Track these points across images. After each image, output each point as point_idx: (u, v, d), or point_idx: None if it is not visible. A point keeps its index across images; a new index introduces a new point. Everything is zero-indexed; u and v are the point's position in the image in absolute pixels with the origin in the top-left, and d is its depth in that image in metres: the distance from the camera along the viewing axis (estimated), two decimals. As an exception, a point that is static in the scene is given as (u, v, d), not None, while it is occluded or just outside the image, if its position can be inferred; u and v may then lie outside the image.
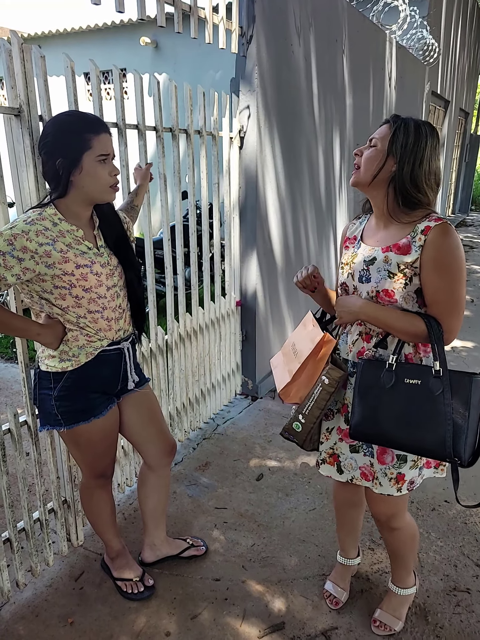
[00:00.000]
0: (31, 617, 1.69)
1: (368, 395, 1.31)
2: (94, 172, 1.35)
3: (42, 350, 1.50)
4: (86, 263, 1.40)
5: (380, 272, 1.32)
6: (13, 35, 1.49)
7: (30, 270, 1.32)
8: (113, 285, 1.48)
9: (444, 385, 1.23)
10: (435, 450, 1.23)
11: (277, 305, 3.30)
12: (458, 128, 10.28)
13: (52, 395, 1.48)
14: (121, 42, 7.40)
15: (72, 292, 1.39)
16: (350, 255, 1.44)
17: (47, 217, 1.36)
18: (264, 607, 1.72)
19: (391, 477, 1.39)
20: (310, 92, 3.33)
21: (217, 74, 6.60)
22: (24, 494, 1.73)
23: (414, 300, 1.31)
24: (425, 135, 1.27)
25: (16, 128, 1.54)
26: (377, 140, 1.31)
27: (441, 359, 1.24)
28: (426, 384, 1.25)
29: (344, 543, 1.76)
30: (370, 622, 1.65)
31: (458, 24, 8.37)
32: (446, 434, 1.21)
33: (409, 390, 1.27)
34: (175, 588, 1.80)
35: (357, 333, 1.42)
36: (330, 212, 3.98)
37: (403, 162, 1.26)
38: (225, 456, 2.58)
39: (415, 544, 1.58)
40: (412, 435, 1.25)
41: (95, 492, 1.70)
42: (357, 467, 1.46)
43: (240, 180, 2.84)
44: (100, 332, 1.48)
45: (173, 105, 2.26)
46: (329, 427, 1.51)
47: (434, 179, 1.29)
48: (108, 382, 1.56)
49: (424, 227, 1.26)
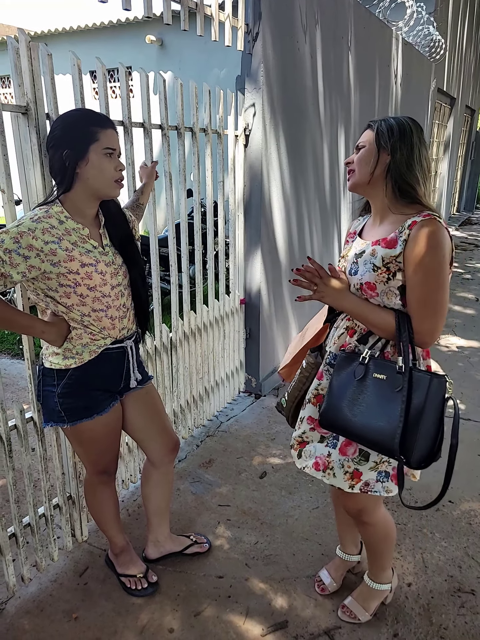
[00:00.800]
0: (36, 611, 1.71)
1: (339, 386, 1.35)
2: (99, 165, 1.36)
3: (46, 347, 1.51)
4: (91, 262, 1.40)
5: (366, 265, 1.34)
6: (20, 33, 1.49)
7: (36, 268, 1.32)
8: (117, 284, 1.49)
9: (403, 382, 1.24)
10: (385, 446, 1.25)
11: (281, 304, 3.30)
12: (464, 125, 10.21)
13: (56, 392, 1.49)
14: (127, 40, 7.40)
15: (76, 291, 1.39)
16: (347, 249, 1.48)
17: (53, 215, 1.36)
18: (267, 605, 1.73)
19: (347, 471, 1.40)
20: (315, 89, 3.32)
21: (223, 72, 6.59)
22: (29, 490, 1.74)
23: (396, 297, 1.31)
24: (407, 125, 1.30)
25: (23, 126, 1.54)
26: (364, 142, 1.35)
27: (405, 356, 1.25)
28: (390, 380, 1.27)
29: (342, 538, 1.79)
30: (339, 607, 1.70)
31: (465, 20, 8.32)
32: (397, 430, 1.22)
33: (374, 385, 1.29)
34: (178, 585, 1.81)
35: (344, 327, 1.45)
36: (334, 211, 3.97)
37: (395, 150, 1.29)
38: (229, 454, 2.59)
39: (389, 542, 1.58)
40: (368, 429, 1.27)
41: (99, 489, 1.71)
42: (314, 456, 1.47)
43: (245, 178, 2.84)
44: (104, 330, 1.48)
45: (179, 103, 2.26)
46: (302, 416, 1.53)
47: (426, 164, 1.31)
48: (111, 380, 1.57)
49: (411, 222, 1.26)
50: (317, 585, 1.78)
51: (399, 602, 1.73)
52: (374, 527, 1.52)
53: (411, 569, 1.87)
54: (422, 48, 6.02)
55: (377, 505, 1.50)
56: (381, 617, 1.68)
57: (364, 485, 1.40)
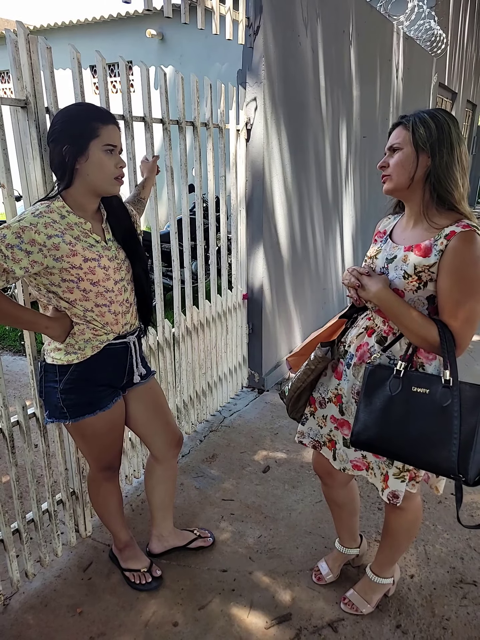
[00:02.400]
0: (40, 607, 1.71)
1: (373, 402, 1.26)
2: (99, 161, 1.34)
3: (48, 343, 1.50)
4: (94, 257, 1.39)
5: (396, 271, 1.29)
6: (19, 26, 1.48)
7: (39, 263, 1.31)
8: (120, 279, 1.48)
9: (453, 396, 1.17)
10: (439, 465, 1.18)
11: (284, 299, 3.29)
12: (465, 120, 10.16)
13: (58, 388, 1.48)
14: (127, 34, 7.36)
15: (79, 286, 1.38)
16: (375, 249, 1.42)
17: (55, 210, 1.35)
18: (271, 599, 1.74)
19: (382, 472, 1.39)
20: (317, 83, 3.30)
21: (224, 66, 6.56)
22: (32, 486, 1.74)
23: (424, 306, 1.27)
24: (445, 121, 1.22)
25: (23, 120, 1.54)
26: (400, 144, 1.26)
27: (452, 369, 1.18)
28: (434, 394, 1.19)
29: (340, 533, 1.80)
30: (340, 599, 1.71)
31: (466, 14, 8.26)
32: (452, 447, 1.15)
33: (416, 399, 1.21)
34: (182, 579, 1.82)
35: (363, 327, 1.41)
36: (336, 205, 3.96)
37: (435, 153, 1.21)
38: (232, 448, 2.59)
39: (411, 534, 1.58)
40: (416, 448, 1.20)
41: (102, 485, 1.71)
42: (348, 460, 1.47)
43: (247, 173, 2.83)
44: (107, 325, 1.48)
45: (180, 97, 2.25)
46: (325, 414, 1.52)
47: (465, 162, 1.24)
48: (114, 376, 1.56)
49: (449, 231, 1.20)
50: (315, 575, 1.80)
51: (402, 594, 1.74)
52: (404, 513, 1.50)
53: (414, 560, 1.88)
54: (423, 42, 5.98)
55: (416, 493, 1.47)
56: (384, 608, 1.68)
57: (392, 495, 1.37)
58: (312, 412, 1.58)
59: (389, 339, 1.34)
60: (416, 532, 1.58)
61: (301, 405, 1.58)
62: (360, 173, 4.36)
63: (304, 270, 3.52)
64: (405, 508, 1.49)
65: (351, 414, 1.42)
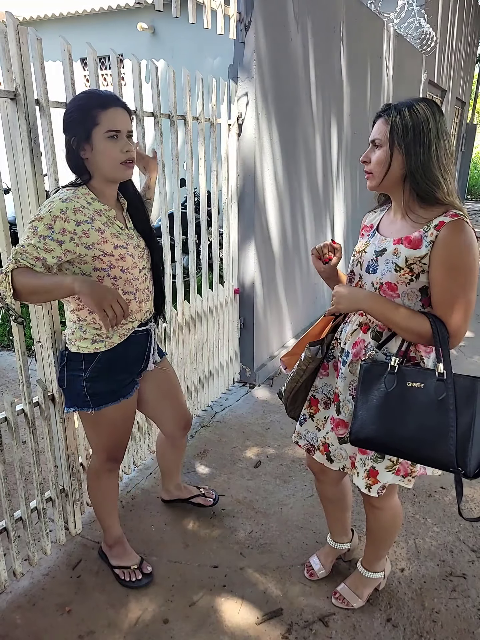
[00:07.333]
0: (28, 606, 1.69)
1: (369, 399, 1.26)
2: (103, 150, 1.34)
3: (71, 332, 1.51)
4: (122, 244, 1.42)
5: (387, 264, 1.28)
6: (9, 17, 1.46)
7: (71, 252, 1.34)
8: (143, 267, 1.51)
9: (447, 389, 1.17)
10: (439, 459, 1.18)
11: (275, 293, 3.29)
12: (455, 117, 10.23)
13: (83, 376, 1.49)
14: (118, 27, 7.27)
15: (110, 274, 1.40)
16: (363, 243, 1.41)
17: (81, 196, 1.37)
18: (262, 594, 1.74)
19: (365, 469, 1.38)
20: (308, 79, 3.29)
21: (215, 61, 6.53)
22: (21, 483, 1.72)
23: (417, 298, 1.27)
24: (424, 117, 1.19)
25: (12, 112, 1.51)
26: (380, 140, 1.24)
27: (445, 362, 1.18)
28: (429, 388, 1.19)
29: (332, 527, 1.80)
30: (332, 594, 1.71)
31: (455, 12, 8.30)
32: (449, 441, 1.15)
33: (411, 394, 1.21)
34: (173, 575, 1.81)
35: (357, 323, 1.40)
36: (327, 200, 3.96)
37: (410, 154, 1.19)
38: (224, 444, 2.59)
39: (393, 531, 1.58)
40: (414, 442, 1.20)
41: (104, 476, 1.72)
42: (347, 456, 1.46)
43: (238, 168, 2.82)
44: (132, 314, 1.50)
45: (171, 91, 2.23)
46: (327, 415, 1.51)
47: (448, 161, 1.21)
48: (135, 362, 1.60)
49: (438, 222, 1.20)
50: (307, 571, 1.80)
51: (392, 588, 1.75)
52: (383, 513, 1.51)
53: (404, 554, 1.89)
54: (413, 40, 6.00)
55: (392, 492, 1.48)
56: (374, 602, 1.69)
57: (381, 489, 1.38)
58: (311, 414, 1.56)
59: (385, 334, 1.33)
60: (397, 529, 1.59)
61: (298, 404, 1.57)
62: (351, 169, 4.37)
63: (295, 265, 3.52)
64: (383, 507, 1.50)
65: (348, 412, 1.41)
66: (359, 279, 1.38)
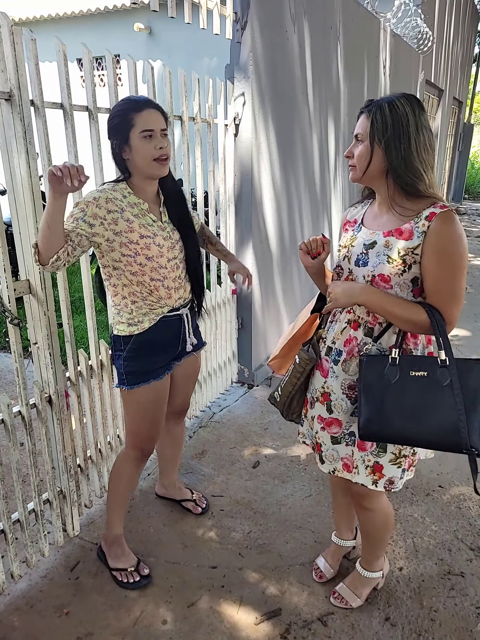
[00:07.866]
0: (26, 608, 1.69)
1: (373, 393, 1.27)
2: (140, 149, 1.46)
3: (112, 317, 1.66)
4: (149, 234, 1.52)
5: (379, 257, 1.30)
6: (3, 17, 1.45)
7: (100, 235, 1.46)
8: (173, 257, 1.60)
9: (451, 374, 1.20)
10: (450, 442, 1.20)
11: (273, 294, 3.29)
12: (452, 117, 10.24)
13: (122, 356, 1.63)
14: (114, 28, 7.27)
15: (136, 260, 1.52)
16: (349, 238, 1.42)
17: (118, 190, 1.52)
18: (261, 594, 1.73)
19: (368, 465, 1.38)
20: (304, 79, 3.29)
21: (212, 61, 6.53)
22: (18, 485, 1.72)
23: (409, 288, 1.28)
24: (404, 112, 1.22)
25: (7, 113, 1.51)
26: (362, 135, 1.28)
27: (446, 348, 1.21)
28: (433, 375, 1.22)
29: (338, 524, 1.80)
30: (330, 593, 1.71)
31: (452, 12, 8.31)
32: (459, 424, 1.18)
33: (415, 383, 1.23)
34: (171, 576, 1.81)
35: (345, 321, 1.40)
36: (324, 200, 3.96)
37: (390, 150, 1.23)
38: (222, 444, 2.59)
39: (386, 531, 1.58)
40: (425, 429, 1.22)
41: (131, 465, 1.76)
42: (339, 458, 1.45)
43: (235, 168, 2.82)
44: (161, 300, 1.60)
45: (167, 92, 2.23)
46: (313, 415, 1.51)
47: (428, 156, 1.24)
48: (169, 344, 1.69)
49: (429, 213, 1.23)
50: (315, 573, 1.79)
51: (391, 587, 1.75)
52: (374, 514, 1.52)
53: (402, 553, 1.89)
54: (410, 40, 6.00)
55: (382, 493, 1.48)
56: (373, 601, 1.69)
57: (388, 483, 1.38)
58: (304, 413, 1.57)
59: (376, 330, 1.34)
60: (391, 528, 1.59)
61: (294, 407, 1.57)
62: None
63: (292, 265, 3.52)
64: (373, 509, 1.51)
65: (342, 410, 1.41)
66: (348, 272, 1.39)
